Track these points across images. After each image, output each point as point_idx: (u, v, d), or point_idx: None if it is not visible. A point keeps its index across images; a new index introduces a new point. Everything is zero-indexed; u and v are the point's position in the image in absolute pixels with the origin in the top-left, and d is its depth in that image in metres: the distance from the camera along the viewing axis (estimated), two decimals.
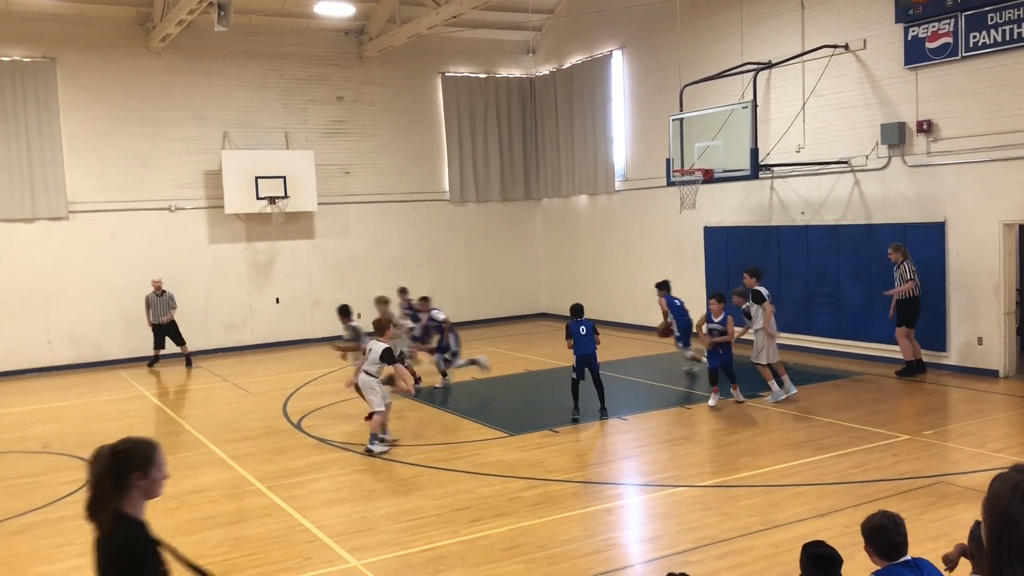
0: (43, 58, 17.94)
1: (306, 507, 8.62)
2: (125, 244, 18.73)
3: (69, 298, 18.30)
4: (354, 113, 21.14)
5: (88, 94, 18.37)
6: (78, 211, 18.35)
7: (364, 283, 21.22)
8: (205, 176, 19.49)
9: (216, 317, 19.69)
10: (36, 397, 15.68)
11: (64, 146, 18.14)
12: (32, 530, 8.39)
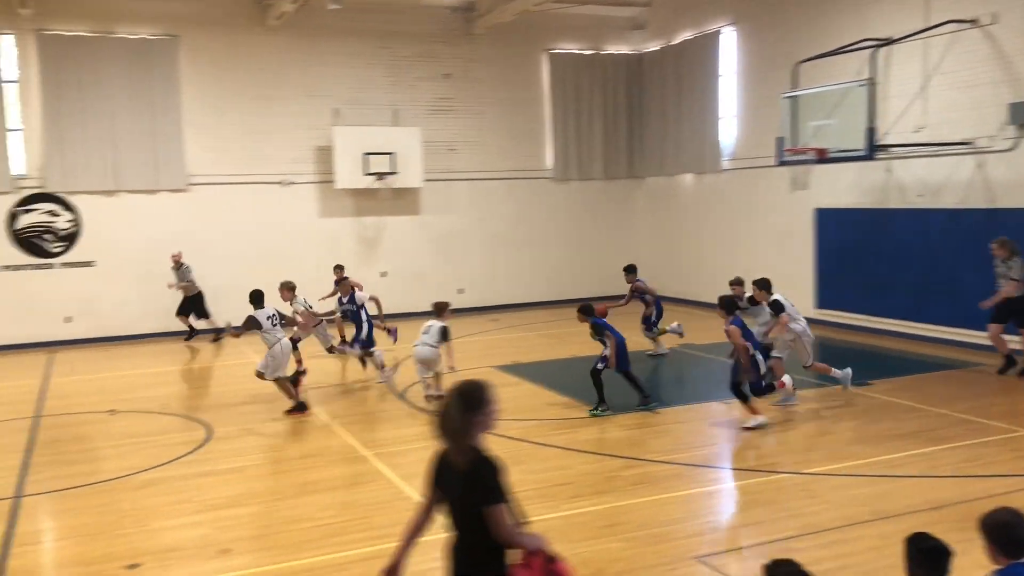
0: (167, 36, 18.69)
1: (409, 475, 8.81)
2: (239, 216, 19.43)
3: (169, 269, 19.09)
4: (460, 90, 21.31)
5: (208, 71, 19.06)
6: (196, 183, 19.12)
7: (466, 259, 21.49)
8: (316, 152, 20.00)
9: (323, 289, 20.22)
10: (155, 360, 16.46)
11: (184, 121, 18.89)
12: (153, 486, 8.85)
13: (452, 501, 4.10)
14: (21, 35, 17.71)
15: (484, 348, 16.39)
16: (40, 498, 8.62)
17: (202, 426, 11.15)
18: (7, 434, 11.11)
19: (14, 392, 13.75)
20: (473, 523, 3.97)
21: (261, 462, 9.63)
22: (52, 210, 18.14)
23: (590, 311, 11.38)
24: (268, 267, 19.41)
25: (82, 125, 18.09)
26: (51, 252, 18.19)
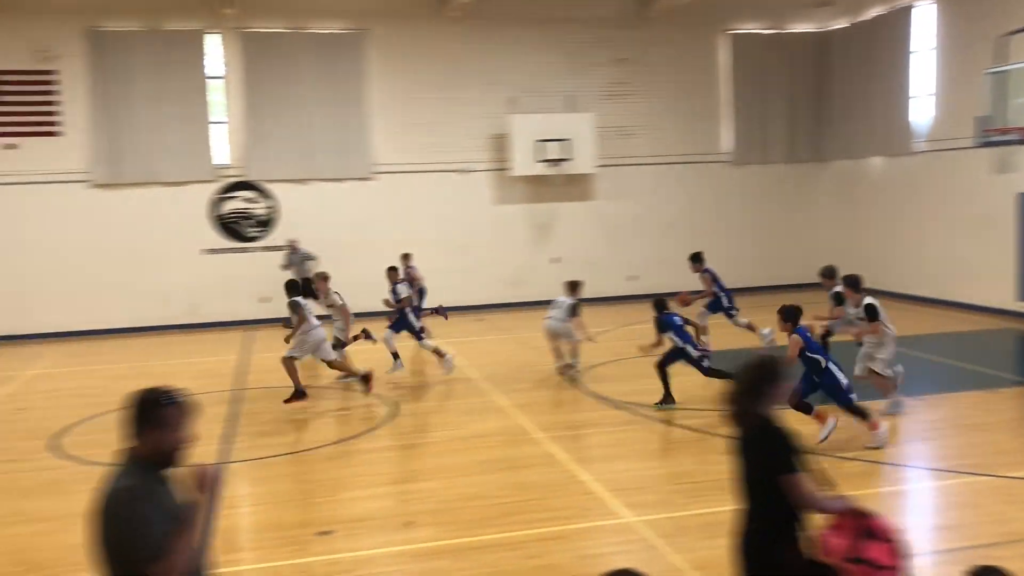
0: (356, 30, 19.56)
1: (583, 460, 8.88)
2: (418, 204, 20.12)
3: (370, 253, 19.96)
4: (635, 75, 21.12)
5: (393, 62, 19.81)
6: (380, 172, 19.94)
7: (639, 245, 21.32)
8: (492, 139, 20.39)
9: (498, 275, 20.68)
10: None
11: (371, 112, 19.73)
12: (344, 457, 9.36)
13: (741, 472, 4.16)
14: (226, 34, 19.03)
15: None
16: (242, 465, 9.29)
17: (386, 403, 11.67)
18: (214, 405, 12.03)
19: (219, 366, 14.88)
20: (762, 494, 4.03)
21: (441, 440, 9.98)
22: (251, 197, 19.44)
23: (660, 306, 11.18)
24: (444, 253, 20.07)
25: (278, 117, 19.26)
26: (249, 236, 19.51)
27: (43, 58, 18.04)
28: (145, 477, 3.39)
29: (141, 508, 3.28)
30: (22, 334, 18.11)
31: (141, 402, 3.47)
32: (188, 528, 3.35)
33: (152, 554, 3.23)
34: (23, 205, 18.25)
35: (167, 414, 3.46)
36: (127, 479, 3.37)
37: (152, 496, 3.34)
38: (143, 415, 3.45)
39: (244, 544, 7.25)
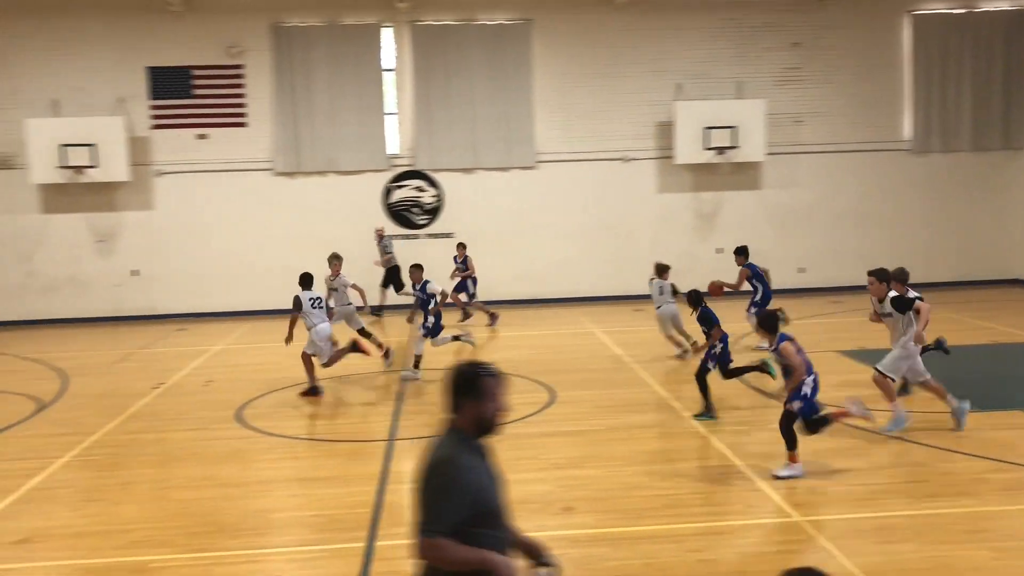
0: (522, 20, 19.76)
1: (747, 455, 8.66)
2: (581, 192, 20.16)
3: (532, 240, 20.21)
4: (809, 59, 20.30)
5: (558, 52, 19.90)
6: (544, 161, 20.10)
7: (808, 236, 20.54)
8: (657, 127, 20.14)
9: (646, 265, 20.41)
10: (503, 325, 17.60)
11: (535, 101, 19.90)
12: (504, 441, 9.43)
13: None
14: (398, 27, 19.68)
15: (826, 332, 15.58)
16: (407, 443, 9.62)
17: (546, 389, 11.79)
18: (385, 383, 12.55)
19: (388, 346, 15.43)
20: None
21: (601, 428, 9.97)
22: (419, 186, 20.05)
23: (698, 300, 10.57)
24: (605, 242, 20.04)
25: (446, 108, 19.75)
26: (417, 224, 20.14)
27: (232, 54, 19.26)
28: (465, 447, 3.56)
29: (457, 477, 3.46)
30: (208, 312, 19.45)
31: (461, 375, 3.63)
32: (491, 561, 3.49)
33: (442, 527, 3.40)
34: (212, 191, 19.58)
35: (486, 385, 3.59)
36: (448, 448, 3.55)
37: (471, 469, 3.51)
38: (464, 387, 3.60)
39: (408, 520, 7.49)
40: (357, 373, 13.42)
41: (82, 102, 19.09)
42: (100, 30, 19.06)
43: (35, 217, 19.39)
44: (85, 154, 18.47)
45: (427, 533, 3.42)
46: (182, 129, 19.42)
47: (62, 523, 7.51)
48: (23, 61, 19.01)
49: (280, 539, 7.09)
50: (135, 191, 19.44)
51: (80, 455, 9.53)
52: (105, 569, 6.53)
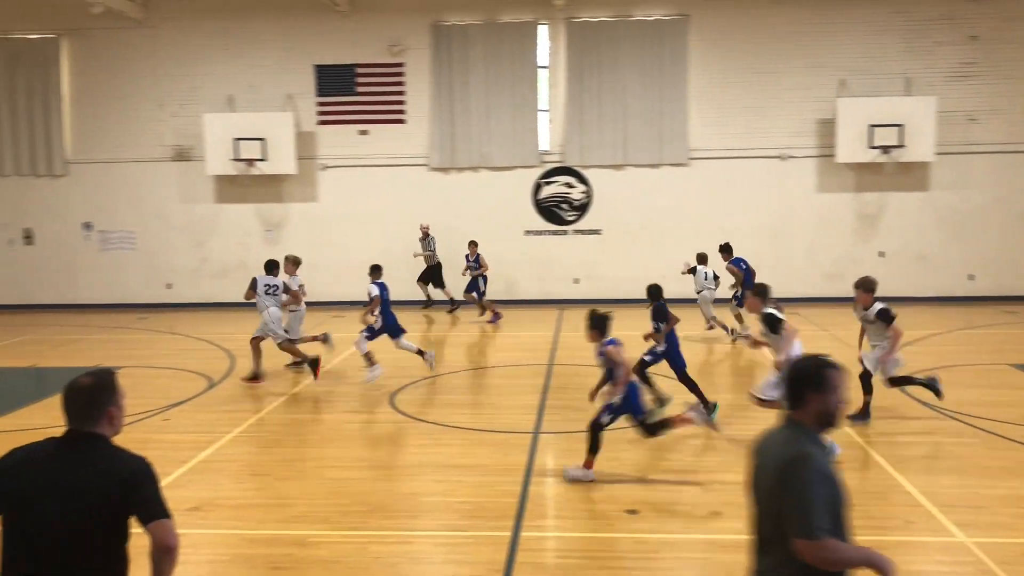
0: (678, 16, 19.49)
1: (908, 470, 8.26)
2: (736, 190, 19.70)
3: (683, 238, 19.89)
4: (988, 54, 19.05)
5: (714, 47, 19.52)
6: (696, 158, 19.77)
7: (981, 242, 19.35)
8: (817, 124, 19.44)
9: (816, 267, 19.73)
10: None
11: (689, 98, 19.60)
12: (647, 441, 9.43)
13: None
14: (554, 24, 19.80)
15: (999, 343, 14.64)
16: (552, 437, 9.71)
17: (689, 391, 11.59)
18: (529, 376, 12.71)
19: (533, 341, 15.64)
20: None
21: (752, 433, 9.71)
22: (569, 182, 20.13)
23: (657, 294, 10.73)
24: (759, 242, 19.53)
25: (598, 104, 19.73)
26: (566, 220, 20.22)
27: (394, 52, 19.91)
28: (813, 443, 3.49)
29: (818, 475, 3.36)
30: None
31: (804, 368, 3.59)
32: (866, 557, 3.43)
33: (813, 528, 3.30)
34: (370, 184, 20.32)
35: (830, 377, 3.52)
36: (799, 445, 3.46)
37: (827, 465, 3.43)
38: (807, 380, 3.54)
39: (552, 512, 7.58)
40: (501, 366, 13.63)
41: (254, 98, 20.22)
42: (272, 31, 20.11)
43: (210, 206, 20.70)
44: (256, 148, 19.55)
45: (813, 534, 3.28)
46: (345, 125, 20.25)
47: (228, 494, 8.01)
48: (203, 61, 20.31)
49: (430, 522, 7.31)
50: (300, 183, 20.43)
51: (245, 431, 10.13)
52: (267, 541, 6.92)
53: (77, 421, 3.57)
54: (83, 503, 3.44)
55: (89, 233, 20.93)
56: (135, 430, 10.22)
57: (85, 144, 20.80)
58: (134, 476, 3.53)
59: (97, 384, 3.61)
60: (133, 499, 3.49)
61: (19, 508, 3.48)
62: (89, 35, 20.34)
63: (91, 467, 3.50)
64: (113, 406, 3.62)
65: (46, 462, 3.52)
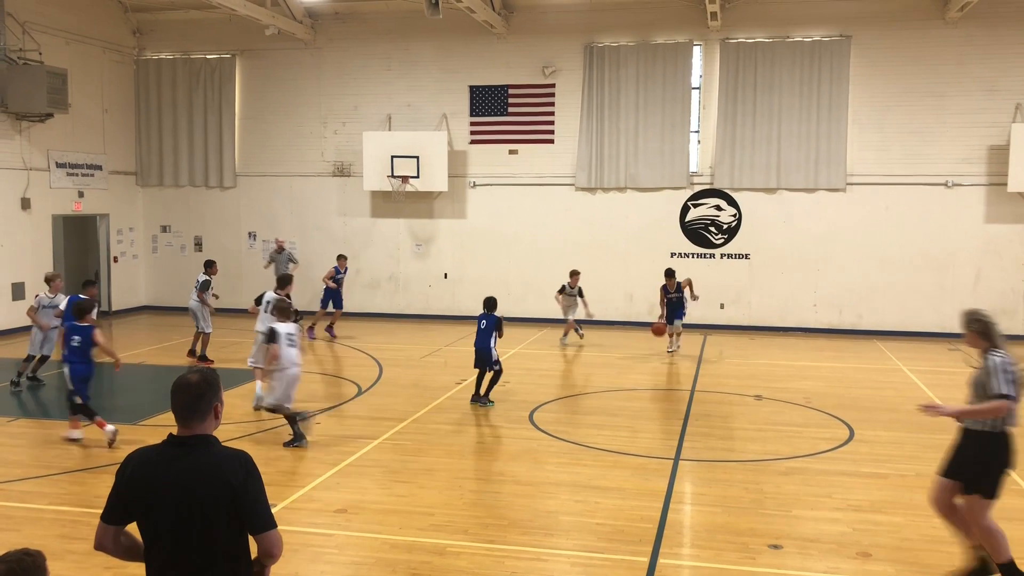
0: (840, 37, 18.87)
1: None
2: (898, 217, 18.84)
3: (837, 266, 19.20)
4: None
5: (877, 69, 18.77)
6: (855, 183, 19.03)
7: None
8: (988, 151, 18.36)
9: (982, 301, 18.55)
10: (797, 354, 16.92)
11: (848, 121, 18.91)
12: (796, 474, 9.14)
13: None
14: (708, 45, 19.57)
15: None
16: (693, 464, 9.54)
17: (844, 425, 11.15)
18: (671, 402, 12.55)
19: (676, 366, 15.43)
20: None
21: (907, 473, 9.25)
22: (718, 205, 19.77)
23: (493, 305, 12.21)
24: (919, 272, 18.64)
25: (751, 126, 19.32)
26: (713, 243, 19.86)
27: (547, 73, 20.18)
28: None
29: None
30: (508, 316, 20.42)
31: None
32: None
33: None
34: (517, 203, 20.61)
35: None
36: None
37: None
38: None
39: (691, 541, 7.44)
40: (641, 389, 13.51)
41: (411, 117, 20.93)
42: (430, 53, 20.78)
43: (365, 220, 21.53)
44: (410, 165, 20.21)
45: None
46: (496, 144, 20.65)
47: (373, 499, 8.27)
48: (364, 81, 21.20)
49: (567, 541, 7.31)
50: (450, 200, 20.96)
51: (390, 438, 10.45)
52: (408, 547, 7.11)
53: (187, 418, 3.68)
54: (198, 504, 3.56)
55: (253, 242, 22.18)
56: (289, 431, 10.72)
57: (252, 158, 22.08)
58: (236, 477, 3.61)
59: (204, 381, 3.74)
60: (242, 503, 3.60)
61: (144, 512, 3.62)
62: (261, 55, 21.63)
63: (196, 471, 3.60)
64: (218, 402, 3.76)
65: (161, 466, 3.63)
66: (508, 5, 20.05)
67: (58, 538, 7.21)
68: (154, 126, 22.37)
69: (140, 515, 3.65)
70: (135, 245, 22.61)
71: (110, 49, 21.34)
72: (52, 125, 19.09)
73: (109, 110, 21.47)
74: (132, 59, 22.15)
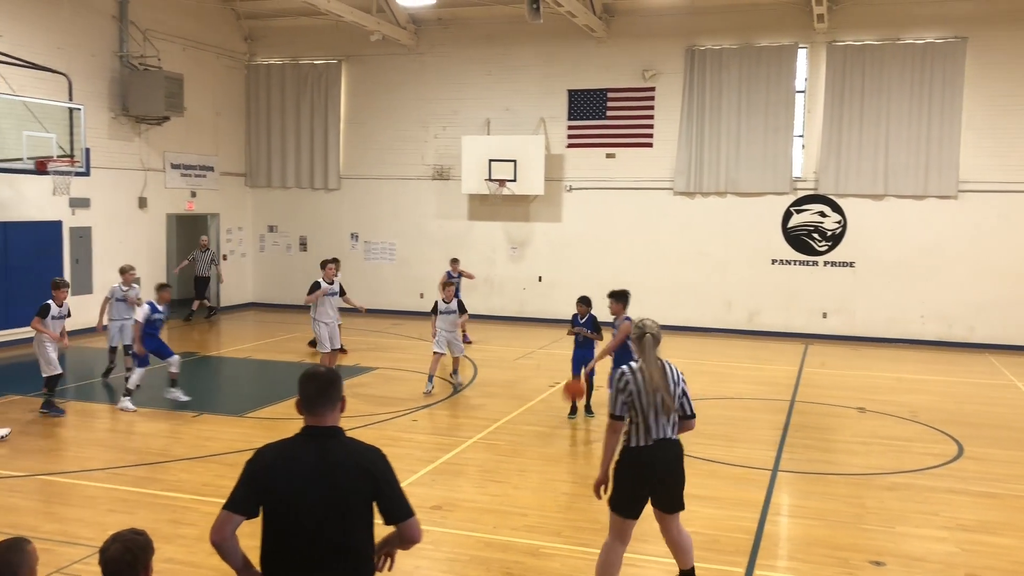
0: (954, 38, 18.15)
1: None
2: (1014, 226, 18.01)
3: (947, 276, 18.47)
4: None
5: (993, 71, 17.98)
6: (967, 190, 18.27)
7: None
8: None
9: None
10: (903, 366, 16.34)
11: (963, 125, 18.17)
12: (900, 490, 8.85)
13: None
14: (813, 48, 19.10)
15: None
16: (791, 476, 9.33)
17: (952, 441, 10.73)
18: (770, 412, 12.29)
19: (776, 375, 15.11)
20: None
21: (1020, 493, 8.84)
22: (822, 211, 19.26)
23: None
24: None
25: (858, 131, 18.77)
26: (816, 250, 19.35)
27: (647, 77, 20.04)
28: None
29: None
30: (601, 321, 20.37)
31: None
32: None
33: None
34: (613, 207, 20.52)
35: None
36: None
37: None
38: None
39: (788, 554, 7.28)
40: (739, 398, 13.28)
41: (509, 121, 21.09)
42: (530, 57, 20.90)
43: (462, 222, 21.80)
44: (508, 168, 20.36)
45: None
46: (593, 148, 20.62)
47: (467, 497, 8.38)
48: (465, 85, 21.47)
49: (660, 548, 7.22)
50: (546, 204, 21.02)
51: (485, 438, 10.56)
52: (502, 546, 7.17)
53: (319, 406, 3.75)
54: (334, 497, 3.62)
55: (355, 243, 22.72)
56: (387, 428, 10.97)
57: (355, 161, 22.62)
58: (376, 467, 3.73)
59: (332, 374, 3.87)
60: (380, 494, 3.70)
61: (277, 507, 3.65)
62: (365, 60, 22.14)
63: (337, 461, 3.67)
64: (343, 396, 3.85)
65: (295, 460, 3.67)
66: (609, 9, 20.00)
67: (169, 522, 7.54)
68: (263, 129, 23.16)
69: (272, 507, 3.65)
70: (243, 244, 23.45)
71: (223, 55, 22.20)
72: (168, 128, 19.98)
73: (221, 113, 22.34)
74: (243, 64, 22.99)
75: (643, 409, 5.78)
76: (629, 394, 5.83)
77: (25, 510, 7.99)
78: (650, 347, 5.85)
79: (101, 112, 18.46)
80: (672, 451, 5.90)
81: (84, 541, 7.06)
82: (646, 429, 5.82)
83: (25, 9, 16.78)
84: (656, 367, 5.81)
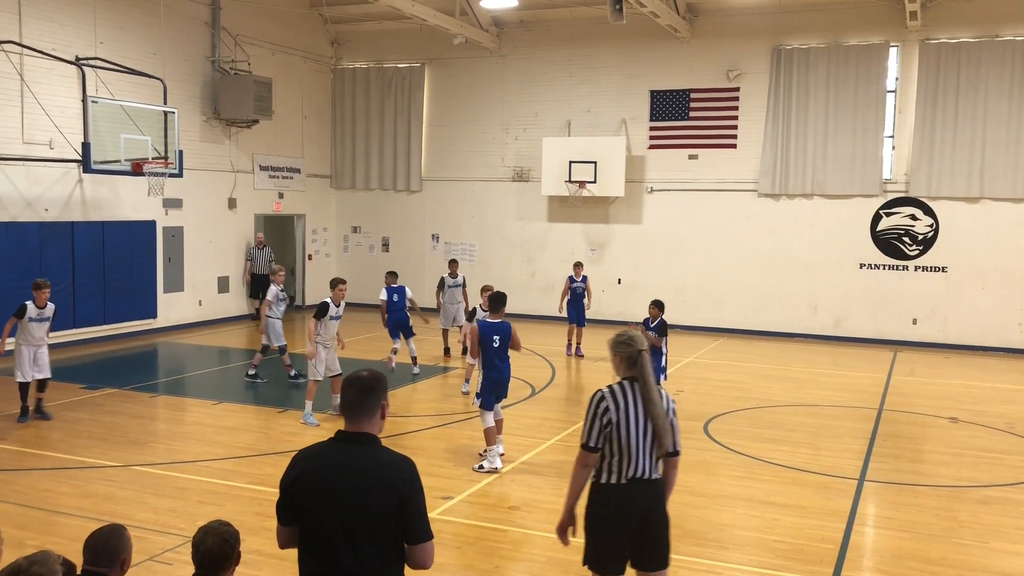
0: None
1: None
2: None
3: None
4: None
5: None
6: None
7: None
8: None
9: None
10: (999, 376, 15.72)
11: None
12: (995, 504, 8.51)
13: None
14: (906, 46, 18.52)
15: None
16: (879, 486, 9.07)
17: None
18: (857, 420, 11.96)
19: (863, 382, 14.68)
20: None
21: None
22: (913, 214, 18.65)
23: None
24: None
25: (952, 131, 18.13)
26: (907, 254, 18.75)
27: (731, 77, 19.73)
28: None
29: None
30: (680, 324, 20.15)
31: None
32: None
33: None
34: (695, 209, 20.26)
35: None
36: None
37: None
38: None
39: (875, 565, 7.08)
40: (824, 405, 12.96)
41: (590, 123, 21.02)
42: (611, 58, 20.79)
43: (542, 224, 21.82)
44: (588, 170, 20.29)
45: None
46: (675, 149, 20.40)
47: (545, 498, 8.37)
48: (546, 87, 21.48)
49: (742, 556, 7.14)
50: (626, 205, 20.88)
51: (562, 439, 10.54)
52: (579, 548, 7.08)
53: (356, 413, 3.66)
54: (364, 507, 3.54)
55: (436, 244, 22.96)
56: (464, 427, 11.05)
57: (437, 163, 22.86)
58: (402, 481, 3.58)
59: (374, 377, 3.75)
60: (405, 510, 3.57)
61: (310, 512, 3.60)
62: (448, 63, 22.36)
63: (362, 470, 3.57)
64: (386, 401, 3.76)
65: (328, 462, 3.62)
66: (692, 8, 19.76)
67: (255, 515, 7.74)
68: (348, 131, 23.59)
69: (305, 512, 3.62)
70: (328, 244, 23.93)
71: (310, 59, 22.70)
72: (257, 130, 20.54)
73: (308, 116, 22.85)
74: (330, 68, 23.46)
75: (624, 441, 4.80)
76: (608, 422, 4.80)
77: (120, 499, 8.31)
78: (646, 367, 4.92)
79: (194, 115, 19.08)
80: (653, 493, 5.00)
81: (175, 531, 7.30)
82: (625, 464, 4.85)
83: (124, 17, 17.45)
84: (655, 391, 4.91)
